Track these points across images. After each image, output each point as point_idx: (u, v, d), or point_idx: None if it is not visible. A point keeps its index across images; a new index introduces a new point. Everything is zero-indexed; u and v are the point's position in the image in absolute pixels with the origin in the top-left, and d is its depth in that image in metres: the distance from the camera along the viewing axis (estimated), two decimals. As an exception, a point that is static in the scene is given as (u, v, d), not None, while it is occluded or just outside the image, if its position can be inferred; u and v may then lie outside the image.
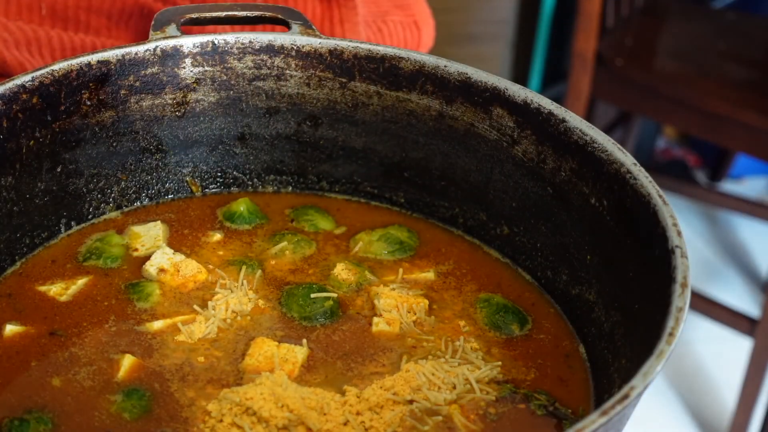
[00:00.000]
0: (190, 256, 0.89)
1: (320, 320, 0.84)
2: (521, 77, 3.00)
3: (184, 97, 0.94)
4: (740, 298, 2.69)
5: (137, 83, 0.91)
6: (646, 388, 0.62)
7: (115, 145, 0.93)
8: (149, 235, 0.92)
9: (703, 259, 2.85)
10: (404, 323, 0.83)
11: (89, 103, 0.88)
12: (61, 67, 0.85)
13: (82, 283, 0.86)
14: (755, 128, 2.12)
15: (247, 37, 0.93)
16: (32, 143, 0.85)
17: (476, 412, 0.75)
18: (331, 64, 0.94)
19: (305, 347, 0.80)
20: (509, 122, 0.89)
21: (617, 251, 0.81)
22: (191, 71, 0.93)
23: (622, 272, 0.80)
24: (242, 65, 0.94)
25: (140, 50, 0.90)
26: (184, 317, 0.83)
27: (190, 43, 0.92)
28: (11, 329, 0.80)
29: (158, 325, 0.82)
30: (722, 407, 2.40)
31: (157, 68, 0.91)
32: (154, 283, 0.86)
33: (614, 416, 0.59)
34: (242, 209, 0.95)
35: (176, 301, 0.85)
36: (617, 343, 0.78)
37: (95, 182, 0.93)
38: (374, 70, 0.93)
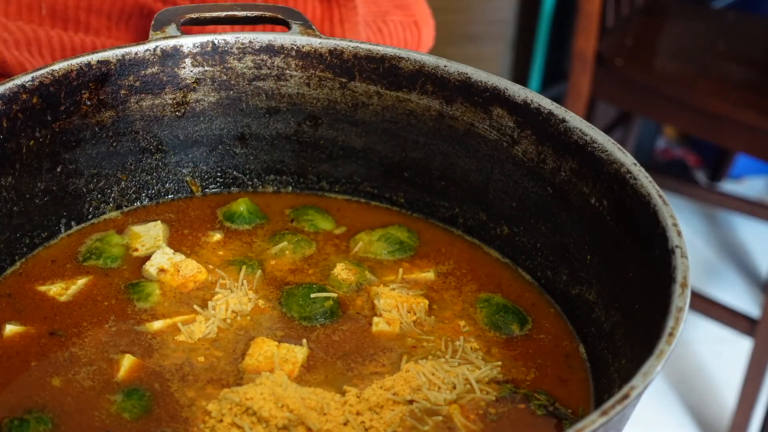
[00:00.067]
0: (190, 256, 0.89)
1: (320, 320, 0.84)
2: (521, 77, 3.00)
3: (184, 97, 0.94)
4: (740, 298, 2.69)
5: (137, 83, 0.91)
6: (646, 388, 0.62)
7: (115, 145, 0.93)
8: (149, 235, 0.92)
9: (703, 259, 2.85)
10: (404, 323, 0.83)
11: (89, 103, 0.88)
12: (61, 67, 0.85)
13: (82, 283, 0.86)
14: (755, 128, 2.12)
15: (247, 37, 0.93)
16: (32, 143, 0.85)
17: (476, 412, 0.75)
18: (331, 64, 0.94)
19: (305, 347, 0.80)
20: (509, 122, 0.89)
21: (617, 251, 0.80)
22: (191, 71, 0.93)
23: (622, 272, 0.80)
24: (242, 65, 0.94)
25: (140, 50, 0.90)
26: (184, 317, 0.83)
27: (190, 43, 0.92)
28: (11, 329, 0.80)
29: (158, 325, 0.82)
30: (722, 407, 2.40)
31: (157, 68, 0.91)
32: (154, 283, 0.86)
33: (614, 416, 0.59)
34: (242, 209, 0.95)
35: (176, 301, 0.85)
36: (617, 343, 0.78)
37: (95, 182, 0.93)
38: (374, 70, 0.93)
